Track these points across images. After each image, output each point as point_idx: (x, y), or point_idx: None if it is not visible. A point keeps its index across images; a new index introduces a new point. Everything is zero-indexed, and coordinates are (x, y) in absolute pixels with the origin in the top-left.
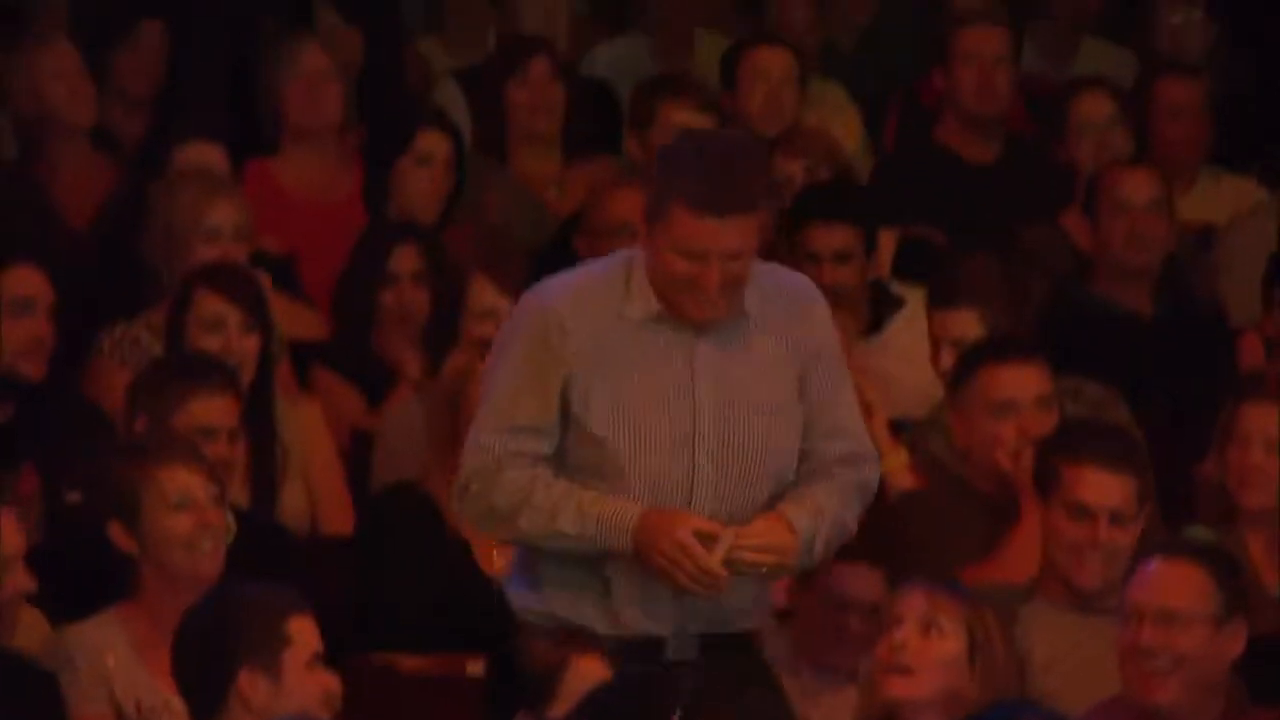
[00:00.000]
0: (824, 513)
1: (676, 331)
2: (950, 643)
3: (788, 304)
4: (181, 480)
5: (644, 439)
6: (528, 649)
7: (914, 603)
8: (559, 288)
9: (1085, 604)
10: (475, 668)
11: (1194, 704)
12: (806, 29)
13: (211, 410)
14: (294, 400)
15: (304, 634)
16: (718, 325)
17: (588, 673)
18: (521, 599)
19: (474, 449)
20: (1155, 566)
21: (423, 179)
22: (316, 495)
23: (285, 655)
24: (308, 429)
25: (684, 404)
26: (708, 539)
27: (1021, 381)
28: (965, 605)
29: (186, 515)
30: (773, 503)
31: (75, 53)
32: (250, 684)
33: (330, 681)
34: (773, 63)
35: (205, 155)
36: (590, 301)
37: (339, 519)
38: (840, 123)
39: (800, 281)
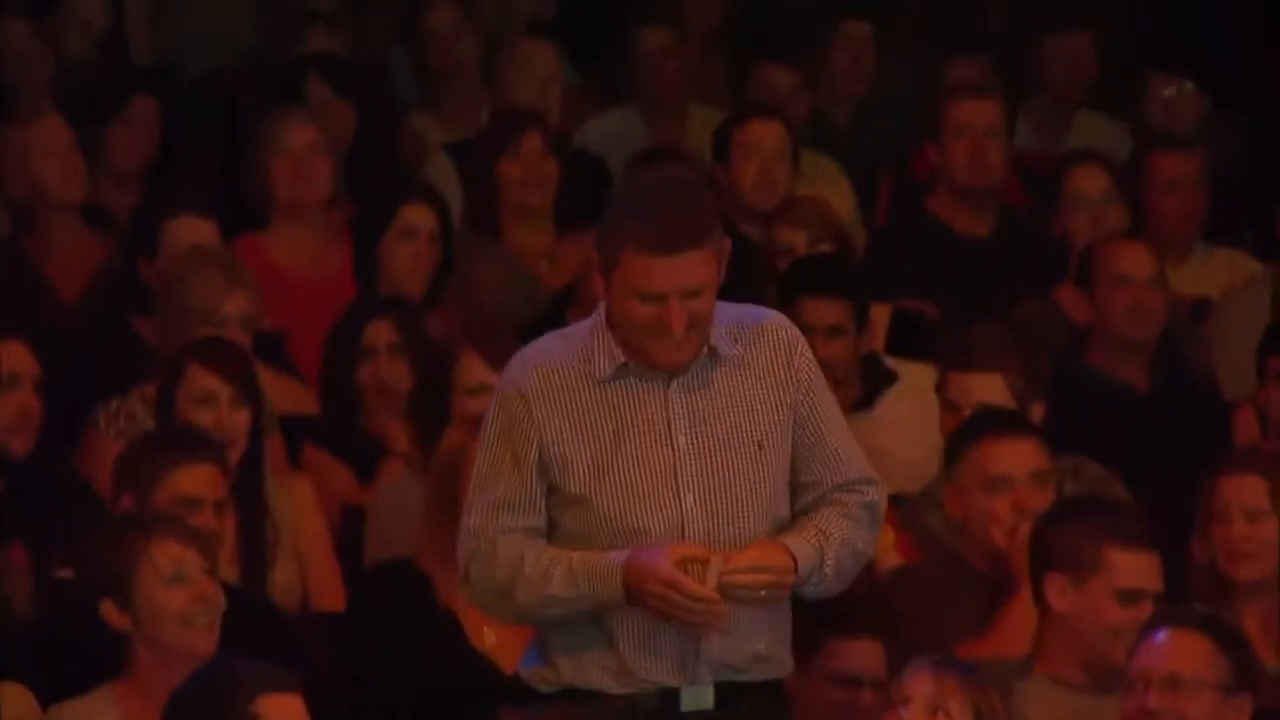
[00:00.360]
0: (827, 533)
1: (646, 382)
2: None
3: (769, 343)
4: (174, 553)
5: (627, 492)
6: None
7: (921, 685)
8: (525, 359)
9: (1090, 683)
10: None
11: None
12: (793, 99)
13: (196, 481)
14: (284, 476)
15: (277, 713)
16: (686, 369)
17: None
18: (533, 672)
19: (466, 535)
20: (1164, 635)
21: (408, 253)
22: (307, 571)
23: None
24: (298, 505)
25: (663, 451)
26: (697, 565)
27: (1017, 457)
28: (972, 687)
29: (181, 589)
30: (769, 533)
31: (67, 129)
32: None
33: None
34: (765, 136)
35: (197, 230)
36: (555, 368)
37: (330, 595)
38: (832, 196)
39: (775, 319)
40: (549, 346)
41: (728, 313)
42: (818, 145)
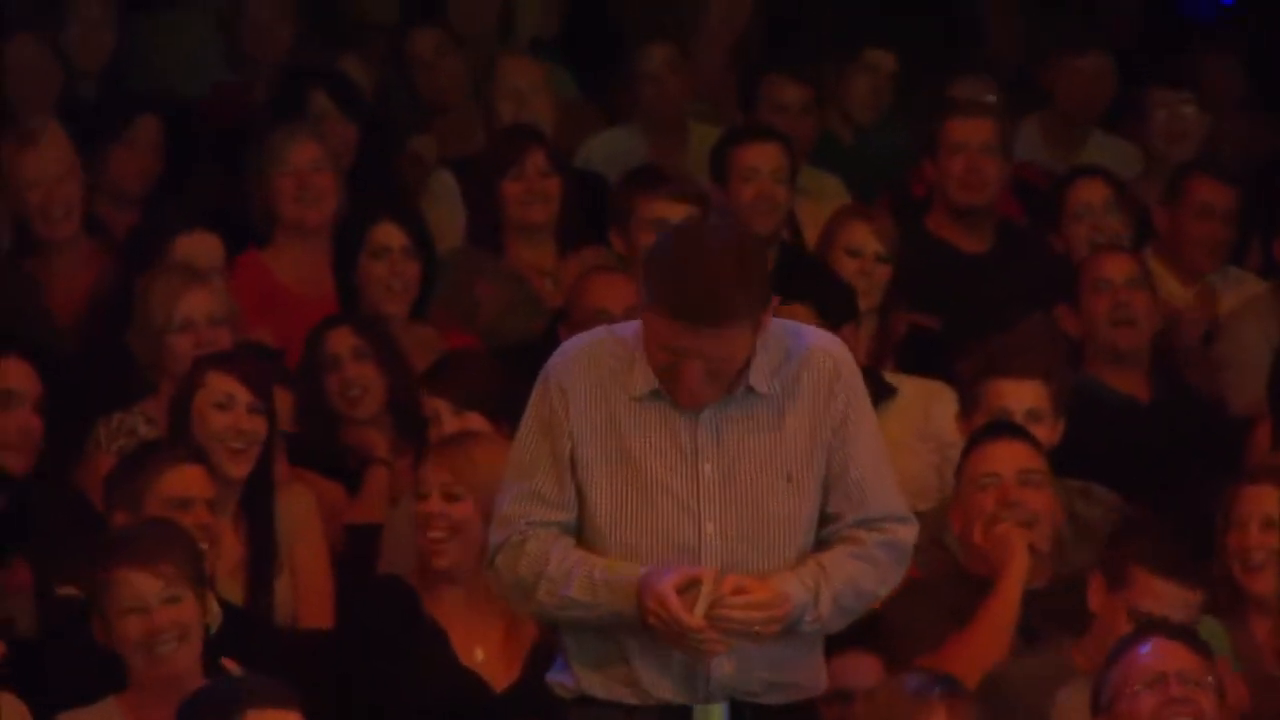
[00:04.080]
0: (829, 574)
1: (677, 406)
2: None
3: (811, 374)
4: (133, 584)
5: (648, 510)
6: None
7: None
8: (570, 355)
9: None
10: None
11: None
12: (801, 117)
13: (184, 482)
14: (287, 488)
15: None
16: (724, 403)
17: None
18: (557, 680)
19: (499, 521)
20: (1156, 643)
21: (382, 272)
22: (299, 585)
23: None
24: (299, 518)
25: (687, 475)
26: (696, 589)
27: (1005, 455)
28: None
29: (137, 619)
30: (790, 565)
31: (64, 156)
32: None
33: None
34: (763, 158)
35: (203, 245)
36: (596, 370)
37: (319, 611)
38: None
39: (820, 345)
40: (599, 346)
41: (776, 339)
42: (820, 161)
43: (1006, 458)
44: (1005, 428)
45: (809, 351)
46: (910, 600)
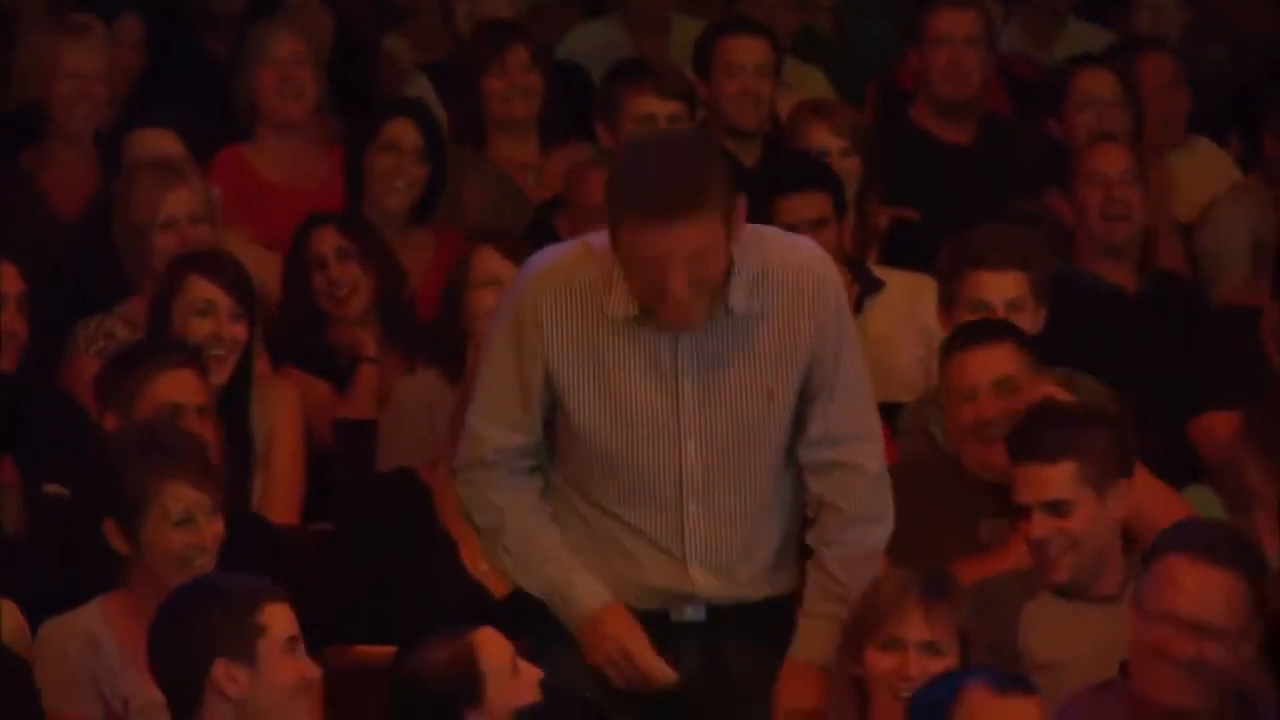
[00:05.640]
0: (842, 581)
1: (657, 329)
2: (949, 659)
3: (791, 290)
4: (184, 497)
5: (628, 432)
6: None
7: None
8: (542, 273)
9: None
10: None
11: (1205, 707)
12: (780, 11)
13: (176, 387)
14: (269, 383)
15: (278, 620)
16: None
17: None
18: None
19: (466, 435)
20: (1192, 570)
21: (390, 168)
22: (268, 482)
23: (260, 643)
24: (278, 417)
25: (667, 396)
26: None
27: (979, 366)
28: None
29: (185, 532)
30: (769, 489)
31: (108, 51)
32: (227, 675)
33: (309, 669)
34: (748, 52)
35: (158, 143)
36: (571, 292)
37: (284, 506)
38: None
39: (804, 261)
40: (572, 263)
41: (756, 252)
42: (803, 54)
43: (980, 369)
44: (978, 331)
45: (789, 268)
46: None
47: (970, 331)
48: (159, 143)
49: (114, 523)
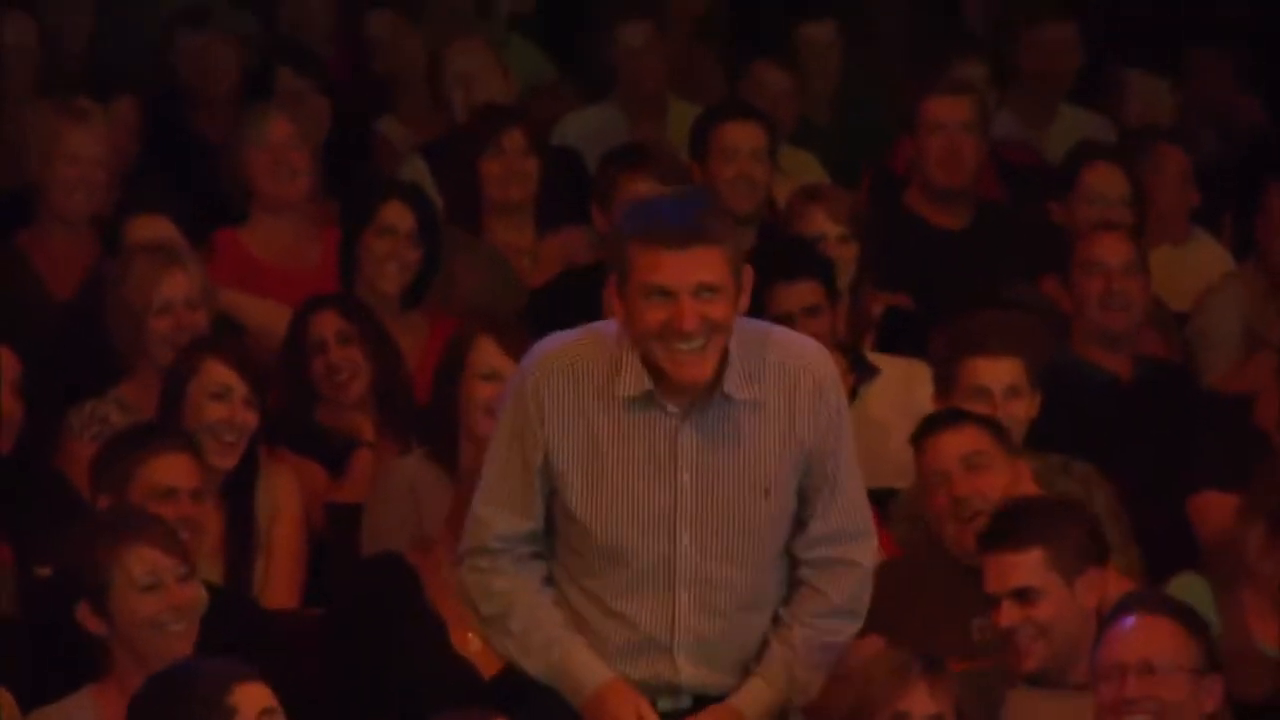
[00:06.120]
0: (797, 651)
1: (661, 413)
2: None
3: (790, 385)
4: (149, 560)
5: (622, 523)
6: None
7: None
8: (548, 359)
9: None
10: None
11: None
12: (783, 101)
13: (170, 471)
14: (267, 468)
15: (250, 699)
16: (702, 409)
17: None
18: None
19: (470, 520)
20: (1133, 622)
21: (384, 252)
22: (270, 566)
23: None
24: (279, 499)
25: (665, 484)
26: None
27: (947, 448)
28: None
29: (154, 597)
30: (761, 581)
31: (108, 135)
32: None
33: None
34: (744, 137)
35: (154, 228)
36: (575, 378)
37: (284, 592)
38: None
39: (805, 359)
40: (579, 349)
41: (751, 344)
42: (798, 141)
43: (948, 449)
44: (945, 416)
45: (789, 364)
46: (889, 581)
47: (937, 417)
48: (155, 228)
49: (87, 604)
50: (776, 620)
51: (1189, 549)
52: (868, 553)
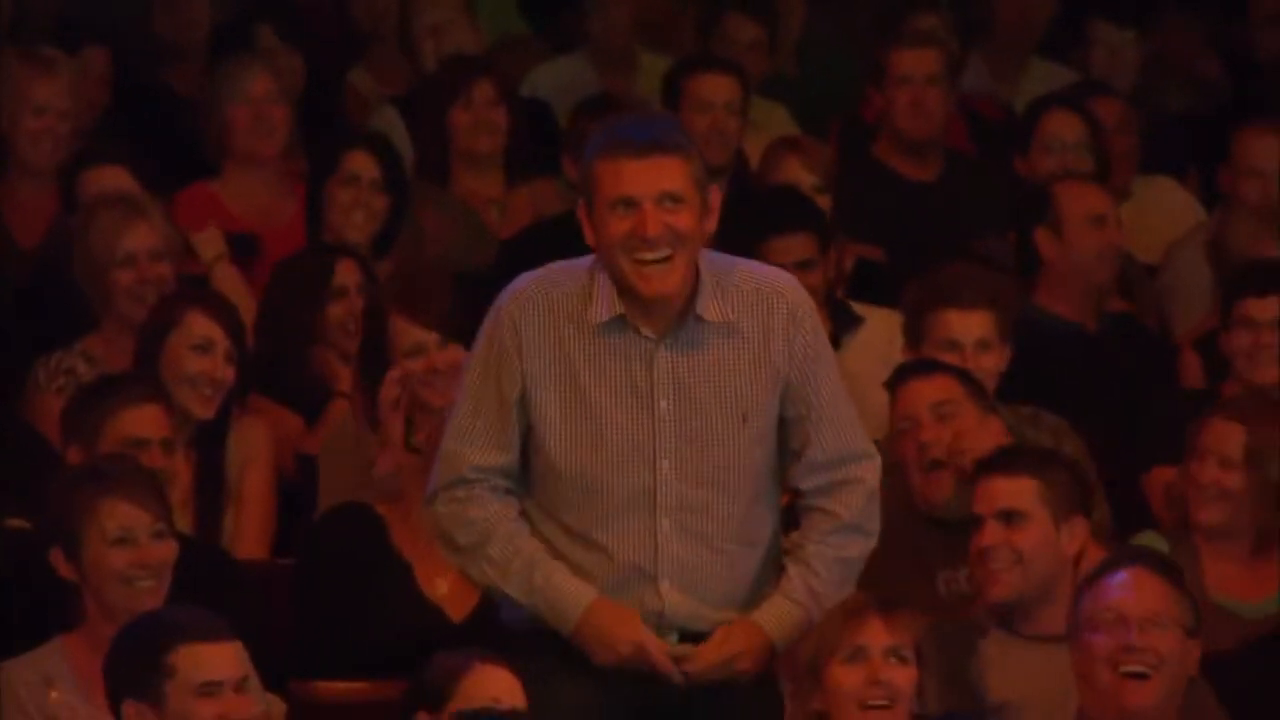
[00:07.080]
0: (813, 566)
1: (636, 339)
2: (912, 670)
3: (766, 309)
4: (122, 514)
5: (603, 447)
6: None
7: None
8: (522, 293)
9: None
10: None
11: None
12: (752, 53)
13: (140, 422)
14: (239, 419)
15: (194, 662)
16: (675, 334)
17: (489, 678)
18: (509, 612)
19: (442, 456)
20: (1128, 575)
21: (348, 200)
22: (239, 514)
23: (168, 685)
24: (249, 450)
25: (643, 413)
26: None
27: (915, 396)
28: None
29: (125, 551)
30: (746, 514)
31: (77, 86)
32: (136, 714)
33: (236, 710)
34: (716, 89)
35: (110, 179)
36: (550, 308)
37: (255, 544)
38: None
39: (778, 284)
40: (553, 279)
41: (722, 271)
42: (768, 92)
43: (918, 396)
44: (916, 365)
45: (763, 289)
46: None
47: (911, 365)
48: (111, 179)
49: (60, 550)
50: (788, 550)
51: (1147, 507)
52: (871, 471)
